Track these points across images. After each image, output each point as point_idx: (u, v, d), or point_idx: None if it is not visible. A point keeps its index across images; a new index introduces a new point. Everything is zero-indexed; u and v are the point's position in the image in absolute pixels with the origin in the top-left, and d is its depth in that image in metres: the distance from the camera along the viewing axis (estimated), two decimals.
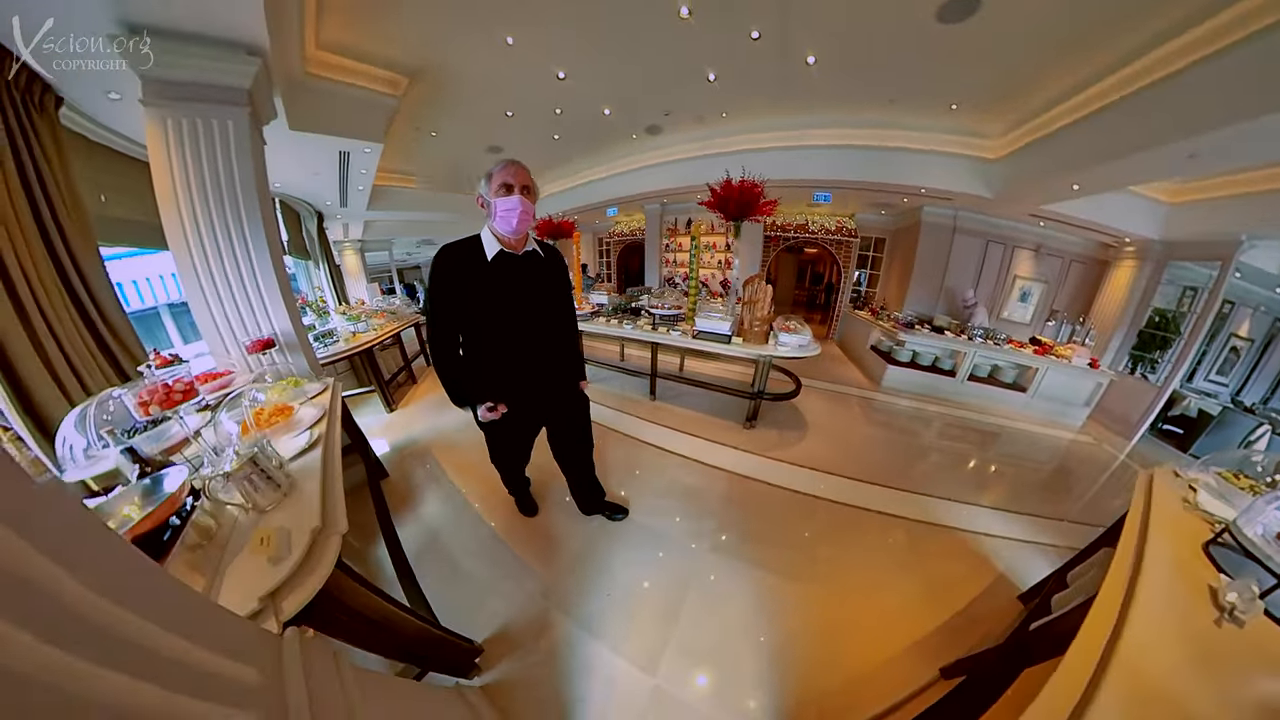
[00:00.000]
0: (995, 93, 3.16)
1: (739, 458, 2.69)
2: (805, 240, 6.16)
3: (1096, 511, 2.43)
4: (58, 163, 1.71)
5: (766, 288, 2.88)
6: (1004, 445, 3.26)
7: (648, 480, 2.44)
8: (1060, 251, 5.08)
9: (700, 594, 1.64)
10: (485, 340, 1.35)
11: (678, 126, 4.62)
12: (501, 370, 1.39)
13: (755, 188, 2.79)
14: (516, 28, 2.77)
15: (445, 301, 1.28)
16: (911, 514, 2.17)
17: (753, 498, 2.31)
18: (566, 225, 4.67)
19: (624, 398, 3.79)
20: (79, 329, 1.69)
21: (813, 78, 3.27)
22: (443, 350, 1.34)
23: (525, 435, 1.70)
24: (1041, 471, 2.93)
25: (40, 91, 1.66)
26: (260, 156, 1.99)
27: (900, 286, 5.65)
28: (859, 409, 3.71)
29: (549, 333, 1.46)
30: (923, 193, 4.37)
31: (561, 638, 1.46)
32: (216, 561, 0.81)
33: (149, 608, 0.37)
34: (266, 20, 1.54)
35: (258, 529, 0.86)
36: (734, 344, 2.85)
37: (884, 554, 1.92)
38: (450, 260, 1.26)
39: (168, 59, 1.55)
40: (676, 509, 2.17)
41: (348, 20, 2.51)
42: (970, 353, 3.98)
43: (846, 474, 2.51)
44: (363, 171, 4.28)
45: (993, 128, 3.65)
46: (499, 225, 1.27)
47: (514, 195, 1.22)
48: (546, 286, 1.41)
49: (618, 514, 2.06)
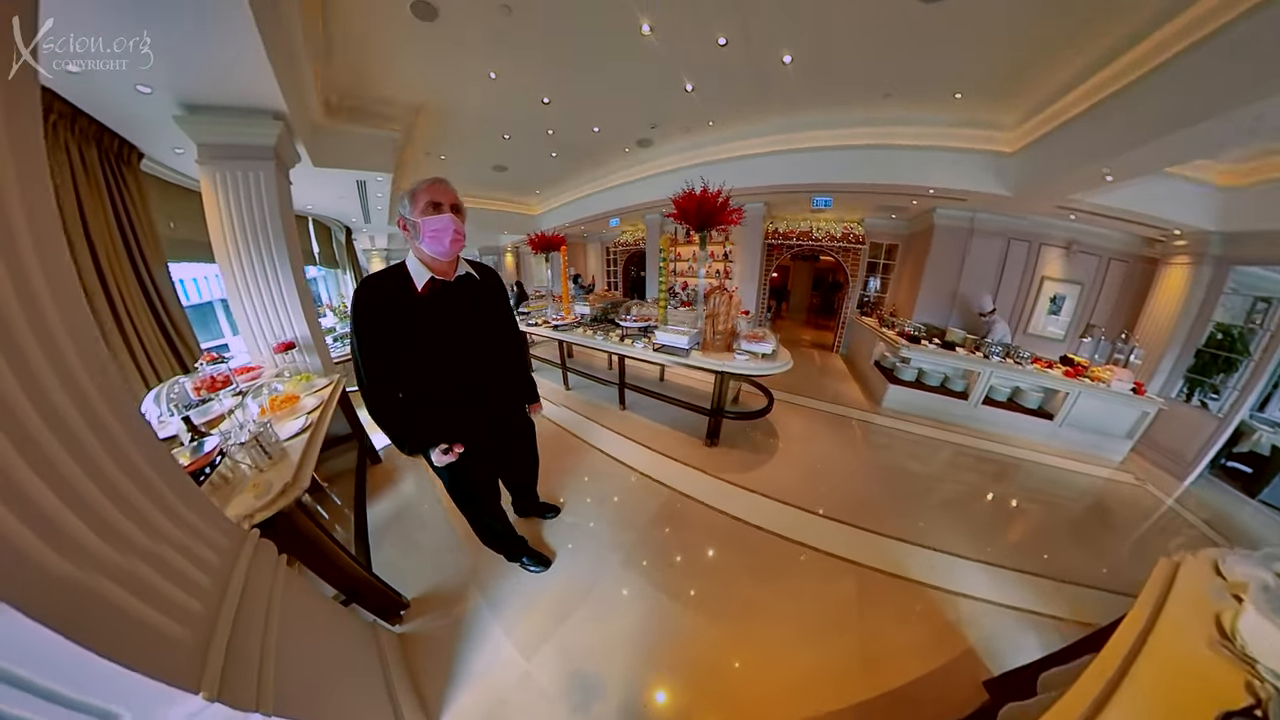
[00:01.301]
0: (1003, 76, 2.82)
1: (689, 476, 2.56)
2: (813, 248, 5.84)
3: (1130, 574, 2.01)
4: (139, 201, 2.37)
5: (731, 299, 2.77)
6: (1019, 483, 2.85)
7: (590, 485, 2.50)
8: (1096, 248, 4.47)
9: (598, 603, 1.69)
10: (427, 378, 1.22)
11: (666, 138, 4.59)
12: (450, 407, 1.28)
13: (713, 197, 2.68)
14: (495, 63, 3.01)
15: (375, 344, 1.14)
16: (872, 561, 1.91)
17: (690, 519, 2.18)
18: (556, 239, 4.70)
19: (595, 405, 3.78)
20: (152, 326, 2.31)
21: (793, 78, 3.11)
22: (380, 397, 1.20)
23: (489, 470, 1.59)
24: (1063, 517, 2.46)
25: (128, 150, 2.33)
26: (286, 195, 2.55)
27: (911, 292, 5.23)
28: (847, 433, 3.40)
29: (495, 360, 1.39)
30: (931, 193, 4.02)
31: (470, 610, 1.66)
32: (229, 495, 1.23)
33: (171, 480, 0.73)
34: (281, 91, 1.99)
35: (253, 480, 1.29)
36: (694, 357, 2.72)
37: (823, 605, 1.69)
38: (374, 297, 1.13)
39: (214, 129, 2.15)
40: (607, 517, 2.20)
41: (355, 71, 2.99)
42: (986, 373, 3.55)
43: (806, 506, 2.28)
44: (379, 195, 4.66)
45: (1006, 117, 3.29)
46: (428, 247, 1.15)
47: (444, 213, 1.13)
48: (486, 311, 1.33)
49: (549, 513, 2.19)
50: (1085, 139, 2.74)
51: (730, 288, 5.92)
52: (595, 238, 9.47)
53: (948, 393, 3.74)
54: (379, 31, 2.61)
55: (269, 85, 1.96)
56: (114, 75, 1.71)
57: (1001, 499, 2.60)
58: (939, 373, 3.82)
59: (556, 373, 4.39)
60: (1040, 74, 2.71)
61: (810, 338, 7.46)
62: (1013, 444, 3.35)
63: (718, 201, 2.68)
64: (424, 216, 1.13)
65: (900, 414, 3.76)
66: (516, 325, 1.57)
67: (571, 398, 4.06)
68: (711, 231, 2.81)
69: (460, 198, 1.20)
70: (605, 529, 2.11)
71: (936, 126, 3.55)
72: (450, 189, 1.17)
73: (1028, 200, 3.78)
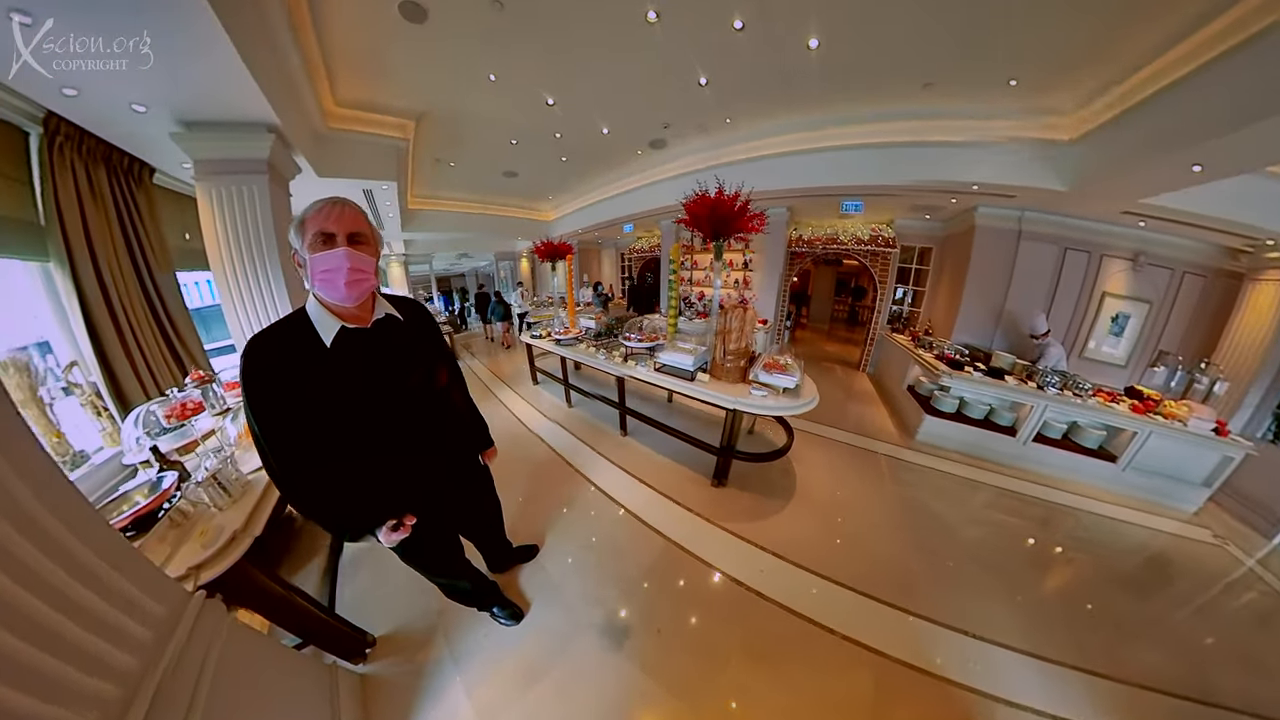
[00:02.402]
0: (1071, 53, 2.38)
1: (689, 524, 2.28)
2: (838, 253, 5.44)
3: (1215, 677, 1.60)
4: (149, 215, 2.46)
5: (748, 315, 2.46)
6: (1074, 537, 2.45)
7: (577, 525, 2.30)
8: (1168, 261, 3.92)
9: (568, 671, 1.53)
10: (354, 448, 0.99)
11: (681, 139, 4.33)
12: (389, 476, 1.06)
13: (730, 200, 2.39)
14: (493, 64, 2.86)
15: (280, 420, 0.88)
16: (896, 648, 1.61)
17: (684, 578, 1.93)
18: (564, 247, 4.53)
19: (595, 428, 3.55)
20: (155, 337, 2.36)
21: (820, 67, 2.79)
22: (298, 483, 0.94)
23: (447, 530, 1.39)
24: (1128, 585, 2.07)
25: (138, 167, 2.44)
26: (283, 208, 2.63)
27: (950, 307, 4.75)
28: (874, 473, 2.98)
29: (435, 414, 1.18)
30: (975, 189, 3.59)
31: (433, 659, 1.58)
32: (186, 534, 1.23)
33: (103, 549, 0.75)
34: (271, 104, 2.01)
35: (201, 525, 1.27)
36: (700, 382, 2.44)
37: (829, 704, 1.41)
38: (269, 363, 0.88)
39: (209, 144, 2.25)
40: (592, 566, 2.01)
41: (354, 80, 2.96)
42: (1039, 407, 3.11)
43: (820, 570, 1.98)
44: (387, 203, 4.66)
45: (1064, 99, 2.83)
46: (322, 292, 0.91)
47: (336, 248, 0.88)
48: (417, 358, 1.10)
49: (528, 555, 2.05)
50: (1173, 118, 2.28)
51: (748, 295, 5.65)
52: (610, 243, 9.30)
53: (993, 427, 3.31)
54: (371, 38, 2.52)
55: (256, 98, 1.95)
56: (109, 96, 1.81)
57: (1054, 562, 2.23)
58: (983, 404, 3.40)
59: (559, 386, 4.20)
60: (1119, 39, 2.22)
61: (833, 351, 7.01)
62: (1066, 488, 2.93)
63: (735, 205, 2.39)
64: (314, 253, 0.88)
65: (936, 449, 3.35)
66: (456, 366, 1.37)
67: (573, 417, 3.86)
68: (728, 240, 2.54)
69: (368, 224, 0.95)
70: (588, 580, 1.91)
71: (982, 118, 3.14)
72: (349, 212, 0.91)
73: (1088, 198, 3.29)
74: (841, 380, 5.21)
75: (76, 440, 1.76)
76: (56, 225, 1.94)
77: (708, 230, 2.48)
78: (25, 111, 1.88)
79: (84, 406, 1.90)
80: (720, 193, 2.41)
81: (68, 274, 1.96)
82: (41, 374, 1.70)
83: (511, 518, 2.33)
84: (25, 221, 1.93)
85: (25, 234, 1.93)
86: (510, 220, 7.47)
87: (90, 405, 1.92)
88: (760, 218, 2.47)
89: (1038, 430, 3.16)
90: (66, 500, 0.73)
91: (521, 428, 3.70)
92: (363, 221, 0.93)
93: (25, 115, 1.90)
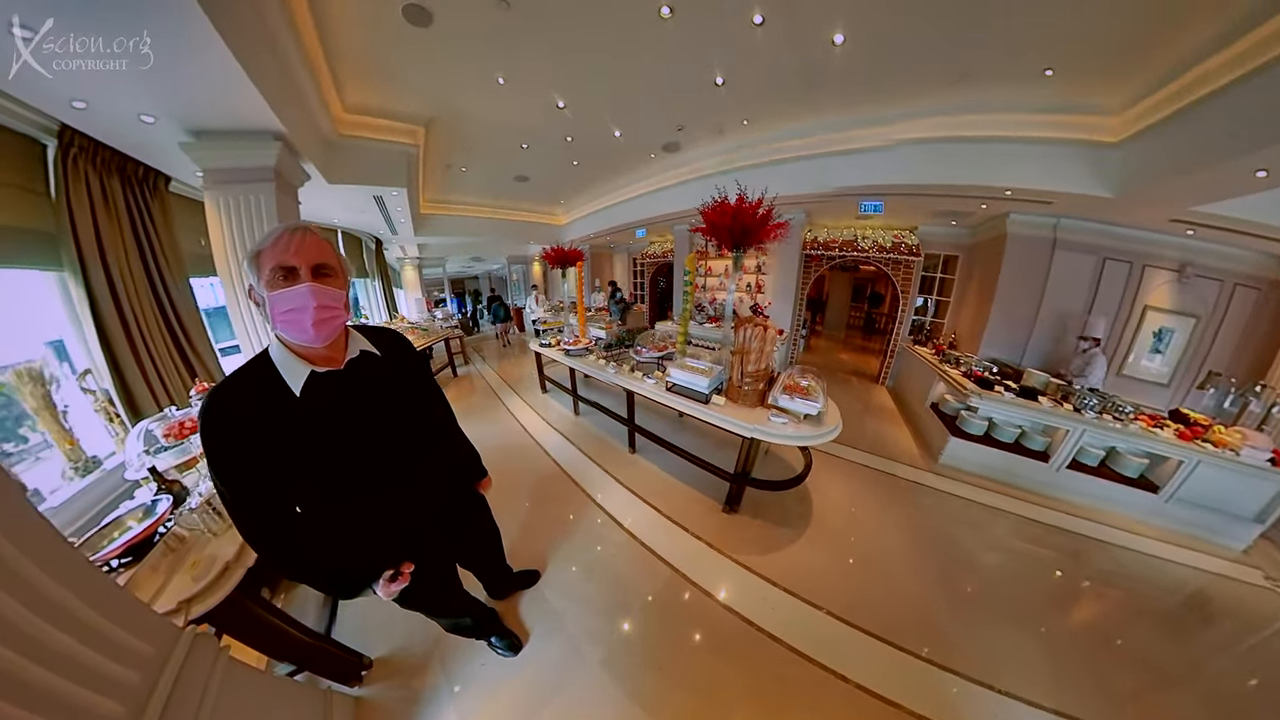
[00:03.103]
0: (1116, 42, 2.18)
1: (698, 554, 2.17)
2: (858, 259, 5.25)
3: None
4: (163, 222, 2.52)
5: (768, 334, 2.29)
6: (1107, 574, 2.26)
7: (580, 551, 2.21)
8: (1217, 272, 3.62)
9: (563, 707, 1.48)
10: (335, 501, 0.91)
11: (697, 141, 4.22)
12: (378, 526, 0.99)
13: (752, 208, 2.25)
14: (501, 67, 2.80)
15: (249, 483, 0.79)
16: (920, 704, 1.48)
17: (690, 613, 1.83)
18: (574, 253, 4.47)
19: (602, 442, 3.46)
20: (166, 343, 2.41)
21: (845, 63, 2.64)
22: (280, 545, 0.86)
23: (446, 570, 1.32)
24: (1164, 626, 1.93)
25: (153, 177, 2.50)
26: (289, 214, 2.65)
27: (976, 319, 4.53)
28: (896, 500, 2.79)
29: (423, 452, 1.09)
30: (1008, 195, 3.38)
31: (429, 686, 1.55)
32: (177, 564, 1.22)
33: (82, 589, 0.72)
34: (275, 111, 2.02)
35: (194, 554, 1.25)
36: (715, 405, 2.30)
37: None
38: (233, 419, 0.76)
39: (216, 153, 2.28)
40: (594, 597, 1.92)
41: (361, 86, 2.95)
42: (1076, 432, 2.88)
43: (835, 610, 1.85)
44: (398, 209, 4.67)
45: (1110, 97, 2.62)
46: (286, 334, 0.81)
47: (299, 283, 0.77)
48: (399, 397, 1.00)
49: (529, 581, 1.98)
50: (1235, 119, 2.06)
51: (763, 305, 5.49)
52: (622, 248, 9.22)
53: (1024, 451, 3.10)
54: (376, 43, 2.49)
55: (258, 105, 1.95)
56: (117, 107, 1.84)
57: (1086, 602, 2.06)
58: (1014, 426, 3.18)
59: (567, 394, 4.14)
60: (1172, 32, 2.04)
61: (850, 361, 6.78)
62: (1102, 519, 2.72)
63: (757, 213, 2.25)
64: (272, 290, 0.76)
65: (961, 473, 3.16)
66: (443, 398, 1.29)
67: (579, 428, 3.79)
68: (747, 250, 2.40)
69: (334, 253, 0.84)
70: (589, 613, 1.83)
71: (1019, 112, 2.92)
72: (311, 241, 0.79)
73: (1136, 205, 3.06)
74: (859, 394, 5.01)
75: (89, 446, 1.78)
76: (69, 235, 1.98)
77: (727, 240, 2.35)
78: (40, 124, 1.91)
79: (97, 412, 1.93)
80: (741, 200, 2.27)
81: (80, 282, 2.01)
82: (57, 381, 1.70)
83: (512, 539, 2.28)
84: (41, 232, 1.96)
85: (41, 244, 1.96)
86: (522, 225, 7.46)
87: (103, 411, 1.95)
88: (783, 226, 2.34)
89: (1073, 455, 2.95)
90: (39, 538, 0.69)
91: (527, 439, 3.65)
92: (328, 250, 0.83)
93: (40, 128, 1.93)
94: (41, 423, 1.63)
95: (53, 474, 1.69)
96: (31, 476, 1.61)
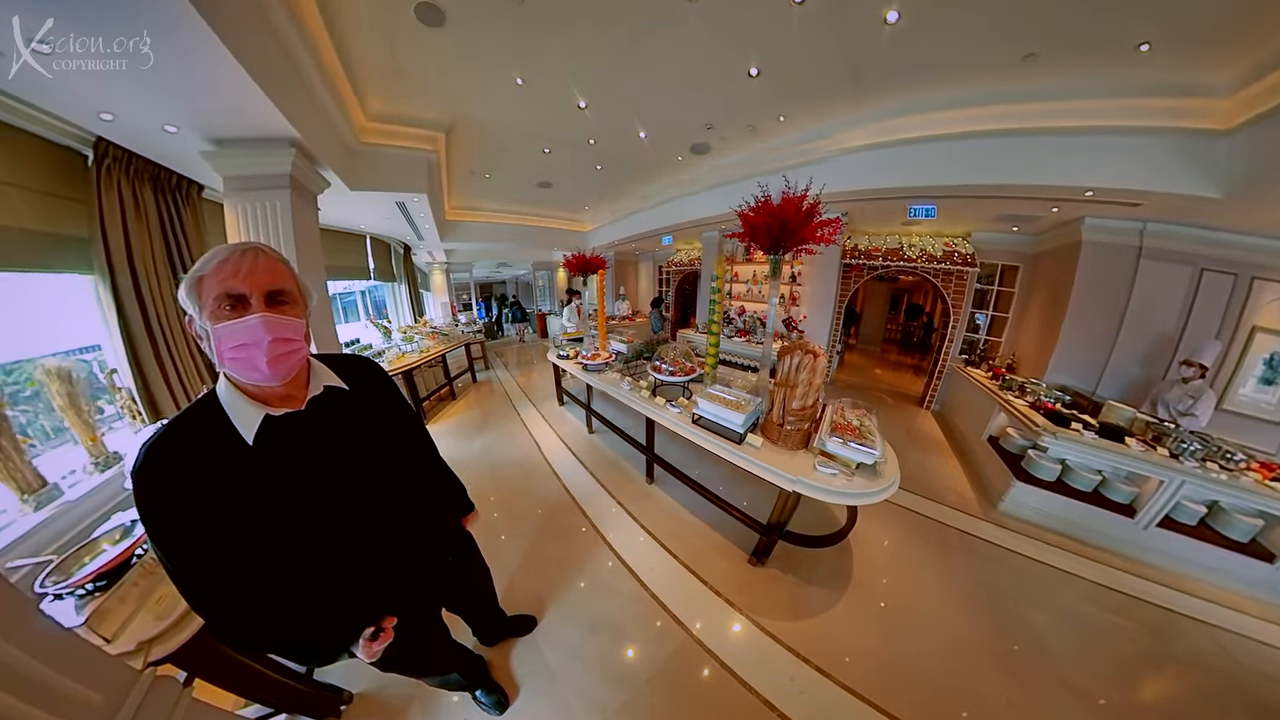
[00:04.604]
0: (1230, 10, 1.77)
1: (719, 614, 1.87)
2: (905, 270, 4.80)
3: None
4: (194, 230, 2.62)
5: (818, 363, 1.87)
6: (1205, 666, 1.79)
7: (582, 598, 1.97)
8: None
9: None
10: (299, 562, 0.75)
11: (727, 141, 3.97)
12: (351, 583, 0.84)
13: (796, 202, 1.95)
14: (519, 66, 2.67)
15: (197, 553, 0.65)
16: None
17: (701, 689, 1.56)
18: (596, 260, 4.29)
19: (616, 467, 3.21)
20: (188, 344, 2.49)
21: (898, 44, 2.28)
22: (237, 619, 0.71)
23: (431, 621, 1.17)
24: None
25: (186, 185, 2.59)
26: (309, 222, 2.73)
27: (1043, 340, 3.99)
28: (949, 556, 2.34)
29: (402, 495, 0.94)
30: (1089, 196, 2.90)
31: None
32: (150, 591, 1.16)
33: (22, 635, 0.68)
34: (287, 117, 2.02)
35: (160, 589, 1.16)
36: (750, 446, 1.93)
37: None
38: (174, 476, 0.63)
39: (234, 161, 2.32)
40: (595, 657, 1.69)
41: (379, 92, 2.92)
42: (1172, 483, 2.38)
43: (876, 700, 1.51)
44: (421, 215, 4.68)
45: (1220, 72, 2.14)
46: (235, 372, 0.67)
47: (250, 314, 0.65)
48: (372, 436, 0.86)
49: (524, 627, 1.79)
50: None
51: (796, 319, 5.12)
52: (647, 256, 9.03)
53: (1103, 503, 2.60)
54: (390, 46, 2.40)
55: (270, 111, 1.93)
56: (142, 118, 1.92)
57: (1186, 696, 1.64)
58: (1090, 472, 2.69)
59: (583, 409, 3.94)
60: None
61: (887, 379, 6.24)
62: (1199, 593, 2.21)
63: (801, 207, 1.95)
64: (216, 322, 0.64)
65: (1027, 524, 2.69)
66: (424, 431, 1.15)
67: (593, 448, 3.57)
68: (788, 254, 2.12)
69: (292, 276, 0.72)
70: (588, 674, 1.61)
71: (1102, 97, 2.47)
72: (264, 262, 0.67)
73: (1250, 205, 2.53)
74: (901, 419, 4.51)
75: (111, 442, 1.82)
76: (100, 241, 2.08)
77: (764, 239, 2.06)
78: (79, 136, 2.05)
79: (122, 411, 2.09)
80: (787, 196, 1.99)
81: (108, 286, 2.13)
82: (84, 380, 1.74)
83: (510, 576, 2.08)
84: (78, 238, 2.10)
85: (78, 250, 2.09)
86: (547, 231, 7.40)
87: (127, 409, 2.09)
88: (834, 225, 2.00)
89: (1165, 511, 2.44)
90: None
91: (538, 455, 3.47)
92: (284, 273, 0.70)
93: (81, 140, 2.07)
94: (67, 419, 1.66)
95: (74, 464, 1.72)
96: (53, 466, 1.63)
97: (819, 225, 1.96)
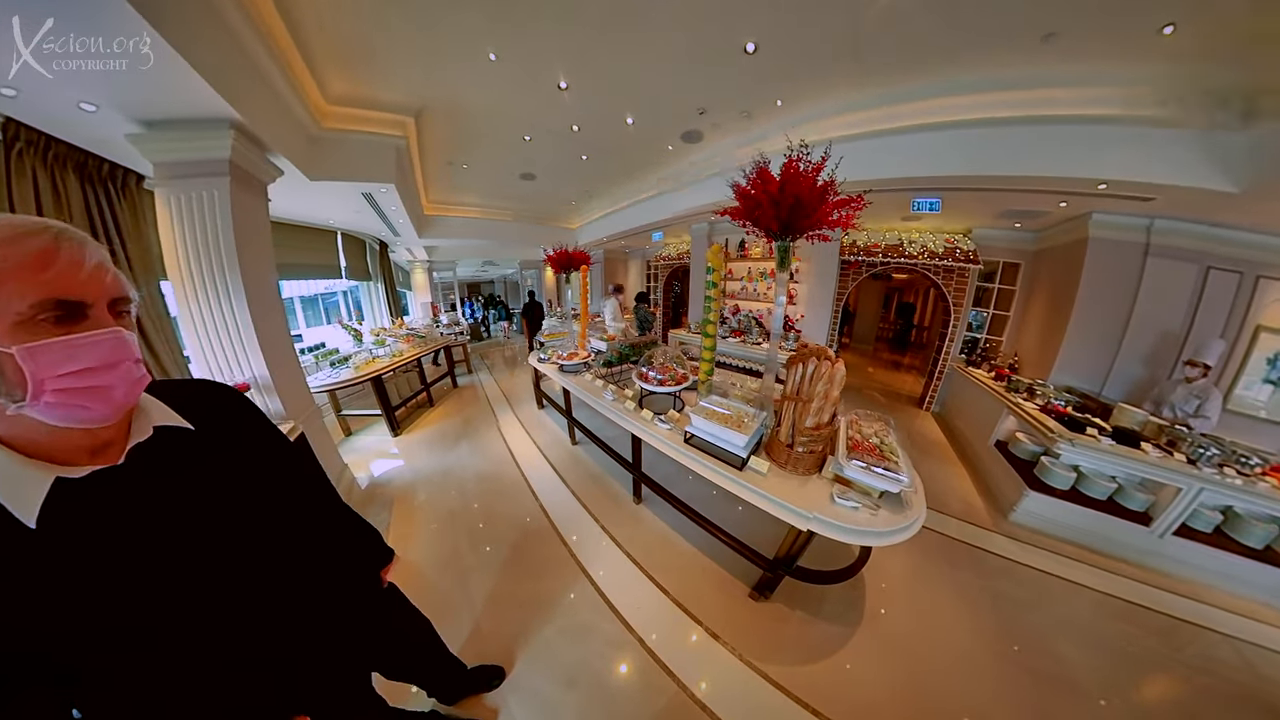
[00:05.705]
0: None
1: (713, 659, 1.64)
2: (904, 267, 4.61)
3: None
4: (131, 223, 2.33)
5: (836, 371, 1.54)
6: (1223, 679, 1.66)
7: (558, 644, 1.71)
8: None
9: None
10: (144, 680, 0.54)
11: (721, 128, 3.71)
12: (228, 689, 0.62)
13: (809, 177, 1.60)
14: (491, 40, 2.40)
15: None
16: None
17: None
18: (579, 256, 4.02)
19: (601, 485, 2.93)
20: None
21: (908, 13, 2.06)
22: None
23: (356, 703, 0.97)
24: None
25: (122, 174, 2.30)
26: (253, 215, 2.40)
27: (1046, 339, 3.85)
28: (972, 577, 2.13)
29: (282, 567, 0.70)
30: (1102, 189, 2.74)
31: None
32: None
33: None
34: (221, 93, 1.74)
35: None
36: (753, 471, 1.64)
37: None
38: None
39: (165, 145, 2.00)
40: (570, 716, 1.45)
41: (337, 71, 2.60)
42: (1189, 490, 2.25)
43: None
44: (393, 208, 4.35)
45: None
46: (54, 413, 0.46)
47: (94, 329, 0.47)
48: (228, 493, 0.62)
49: (490, 681, 1.55)
50: None
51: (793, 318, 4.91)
52: (638, 253, 8.77)
53: (1117, 510, 2.46)
54: (348, 19, 2.10)
55: (200, 86, 1.67)
56: (50, 92, 1.62)
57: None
58: (1105, 479, 2.52)
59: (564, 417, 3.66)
60: None
61: (882, 379, 6.09)
62: (1215, 603, 2.10)
63: (816, 182, 1.60)
64: (35, 339, 0.43)
65: (1039, 533, 2.52)
66: (315, 470, 0.91)
67: (575, 461, 3.28)
68: (798, 240, 1.78)
69: (122, 282, 0.52)
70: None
71: (1121, 85, 2.31)
72: (95, 256, 0.49)
73: (1265, 200, 2.43)
74: (901, 422, 4.30)
75: None
76: None
77: (773, 223, 1.70)
78: None
79: None
80: (793, 164, 1.61)
81: None
82: None
83: (474, 616, 1.81)
84: None
85: None
86: (532, 228, 7.08)
87: None
88: (857, 203, 1.64)
89: (1182, 519, 2.31)
90: None
91: (514, 469, 3.17)
92: (113, 286, 0.50)
93: None
94: None
95: None
96: None
97: (837, 204, 1.63)
